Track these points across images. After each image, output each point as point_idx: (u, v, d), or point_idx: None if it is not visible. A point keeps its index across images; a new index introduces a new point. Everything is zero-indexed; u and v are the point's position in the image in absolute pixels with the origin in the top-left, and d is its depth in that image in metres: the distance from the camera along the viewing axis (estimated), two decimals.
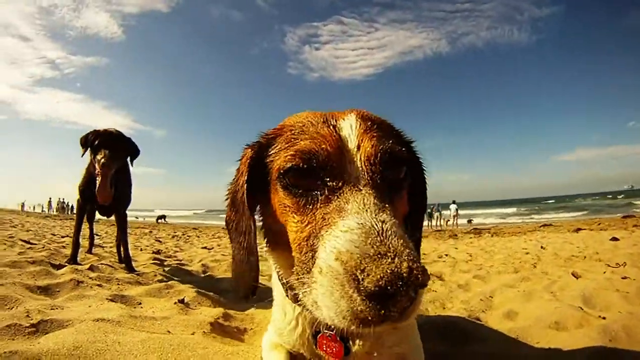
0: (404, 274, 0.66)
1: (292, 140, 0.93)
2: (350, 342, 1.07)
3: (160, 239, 11.38)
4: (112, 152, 3.47)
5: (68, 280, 2.83)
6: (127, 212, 4.16)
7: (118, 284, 3.15)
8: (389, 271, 0.65)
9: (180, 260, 5.36)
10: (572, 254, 5.52)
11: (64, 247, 5.52)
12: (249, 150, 1.05)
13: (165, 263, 5.03)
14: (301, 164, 0.88)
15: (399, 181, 0.96)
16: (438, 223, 31.64)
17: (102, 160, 3.38)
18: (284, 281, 1.09)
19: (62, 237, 8.28)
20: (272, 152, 0.98)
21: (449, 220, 32.09)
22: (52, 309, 1.99)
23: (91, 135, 3.59)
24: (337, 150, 0.89)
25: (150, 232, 16.04)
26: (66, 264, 3.62)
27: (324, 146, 0.89)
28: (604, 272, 3.79)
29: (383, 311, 0.67)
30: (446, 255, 6.78)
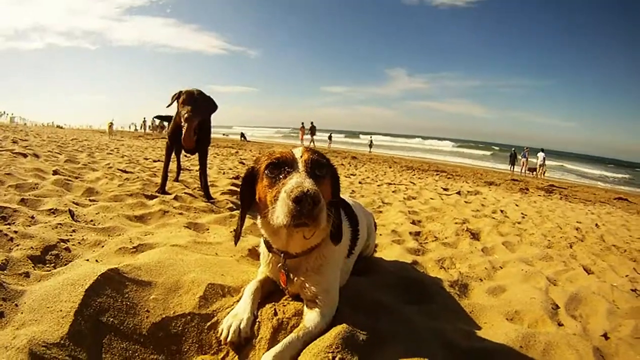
0: (306, 191, 1.54)
1: (269, 156, 1.84)
2: (291, 275, 2.03)
3: (244, 161, 12.88)
4: (194, 108, 4.81)
5: (157, 210, 4.10)
6: (207, 151, 5.67)
7: (195, 212, 4.38)
8: (300, 190, 1.55)
9: None
10: (616, 243, 5.54)
11: (155, 174, 7.14)
12: (248, 169, 1.98)
13: None
14: (274, 161, 1.80)
15: (322, 176, 1.83)
16: (523, 170, 30.81)
17: (186, 114, 4.75)
18: (264, 238, 2.08)
19: (154, 161, 10.08)
20: (260, 164, 1.89)
21: (529, 169, 30.98)
22: (145, 235, 3.18)
23: (179, 94, 5.01)
24: (292, 157, 1.80)
25: (237, 152, 17.96)
26: (157, 194, 4.96)
27: (285, 155, 1.79)
28: (625, 276, 3.88)
29: (300, 208, 1.55)
30: (501, 211, 7.32)
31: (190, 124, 4.74)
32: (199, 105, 4.89)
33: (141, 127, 49.07)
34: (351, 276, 2.55)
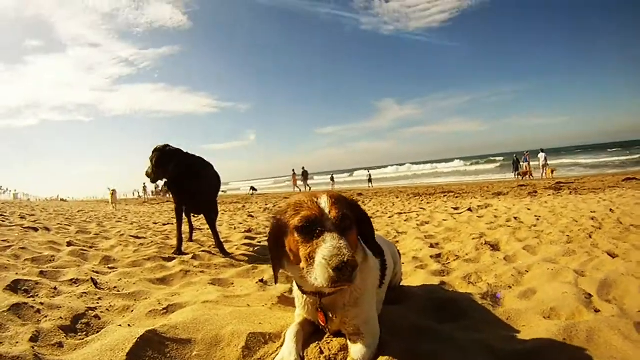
0: (345, 260, 1.54)
1: (297, 210, 1.83)
2: (329, 314, 2.00)
3: (253, 214, 12.91)
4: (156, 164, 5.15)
5: (178, 271, 4.06)
6: (213, 208, 5.64)
7: (216, 269, 4.35)
8: (339, 260, 1.54)
9: None
10: (633, 223, 5.61)
11: (168, 237, 7.11)
12: (274, 219, 1.97)
13: (255, 241, 6.28)
14: (305, 223, 1.78)
15: (349, 227, 1.82)
16: (528, 176, 31.64)
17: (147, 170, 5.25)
18: (297, 283, 2.08)
19: (164, 224, 10.10)
20: (287, 218, 1.87)
21: (521, 174, 32.17)
22: (172, 296, 3.12)
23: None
24: (321, 215, 1.78)
25: (244, 206, 18.03)
26: (175, 256, 4.89)
27: (315, 214, 1.78)
28: None
29: (339, 275, 1.55)
30: (515, 218, 7.33)
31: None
32: (160, 163, 5.12)
33: (144, 193, 49.30)
34: (384, 306, 2.50)
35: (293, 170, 40.02)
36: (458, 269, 4.02)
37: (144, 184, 48.67)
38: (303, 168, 37.98)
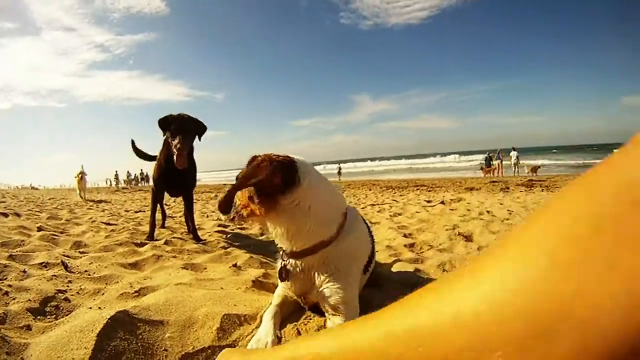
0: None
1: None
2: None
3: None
4: (184, 137, 4.59)
5: (150, 255, 4.00)
6: (193, 192, 5.40)
7: (188, 254, 4.28)
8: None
9: (242, 225, 6.47)
10: None
11: (140, 224, 6.97)
12: None
13: (228, 229, 6.21)
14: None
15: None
16: (497, 173, 32.37)
17: (178, 145, 4.54)
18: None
19: (135, 212, 9.94)
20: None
21: (499, 169, 32.78)
22: (144, 280, 3.09)
23: (168, 121, 4.70)
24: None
25: (216, 195, 17.77)
26: (147, 242, 4.83)
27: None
28: None
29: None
30: (487, 212, 7.47)
31: (182, 153, 4.56)
32: (189, 131, 4.67)
33: (115, 182, 48.55)
34: (362, 290, 2.49)
35: None
36: (432, 257, 4.04)
37: (116, 172, 48.06)
38: None
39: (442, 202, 9.91)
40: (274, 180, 1.76)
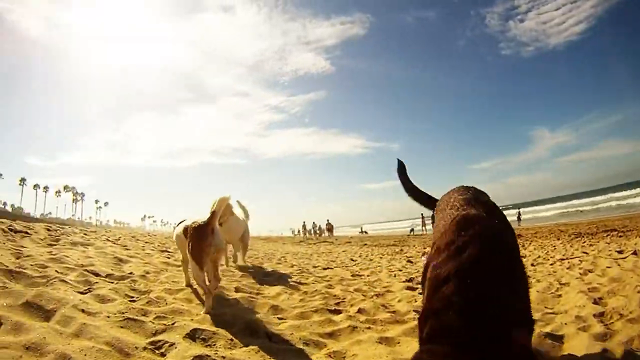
0: None
1: None
2: None
3: (411, 259, 12.29)
4: None
5: (346, 326, 3.98)
6: None
7: (381, 325, 4.16)
8: None
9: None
10: None
11: (330, 286, 6.87)
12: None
13: (417, 292, 5.82)
14: None
15: None
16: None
17: None
18: None
19: (324, 269, 9.87)
20: None
21: None
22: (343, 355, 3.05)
23: None
24: None
25: (401, 250, 17.64)
26: (340, 309, 4.86)
27: None
28: None
29: None
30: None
31: None
32: None
33: (302, 232, 51.34)
34: None
35: (422, 213, 39.21)
36: (620, 331, 3.28)
37: (304, 222, 50.77)
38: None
39: (635, 253, 7.87)
40: None
